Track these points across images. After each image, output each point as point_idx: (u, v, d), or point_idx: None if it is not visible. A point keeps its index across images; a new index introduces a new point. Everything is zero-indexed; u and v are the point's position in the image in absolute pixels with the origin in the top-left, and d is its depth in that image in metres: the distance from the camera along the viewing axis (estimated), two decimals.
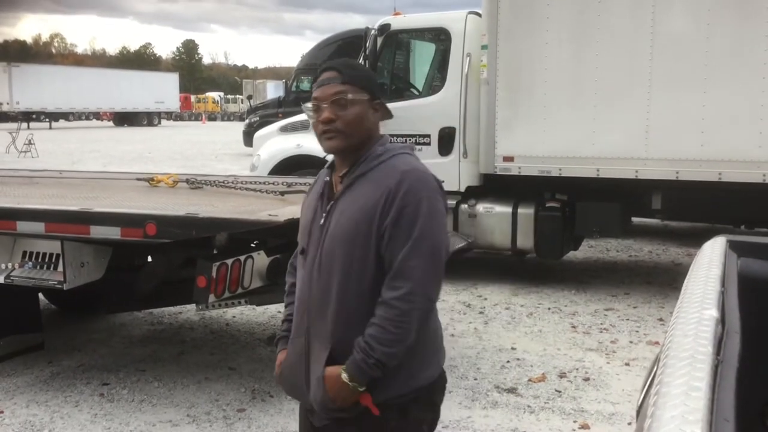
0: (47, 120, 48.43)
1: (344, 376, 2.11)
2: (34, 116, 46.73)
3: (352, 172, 2.22)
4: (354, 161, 2.22)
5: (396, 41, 8.25)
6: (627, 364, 5.44)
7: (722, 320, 1.63)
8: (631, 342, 5.98)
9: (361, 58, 8.10)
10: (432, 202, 2.14)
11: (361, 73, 2.30)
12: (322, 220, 2.22)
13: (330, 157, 2.34)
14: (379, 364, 2.09)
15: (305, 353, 2.24)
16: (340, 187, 2.24)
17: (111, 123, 56.00)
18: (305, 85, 20.46)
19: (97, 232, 4.36)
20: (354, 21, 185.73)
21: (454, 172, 7.72)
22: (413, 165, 2.20)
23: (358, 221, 2.14)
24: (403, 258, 2.09)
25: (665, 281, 8.00)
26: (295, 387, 2.31)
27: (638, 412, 1.85)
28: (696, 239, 8.27)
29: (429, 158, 7.64)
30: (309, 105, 2.24)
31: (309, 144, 8.54)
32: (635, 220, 8.99)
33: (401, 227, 2.10)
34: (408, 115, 7.43)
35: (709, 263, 2.14)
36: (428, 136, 7.84)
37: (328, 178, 2.30)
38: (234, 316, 6.58)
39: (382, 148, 2.23)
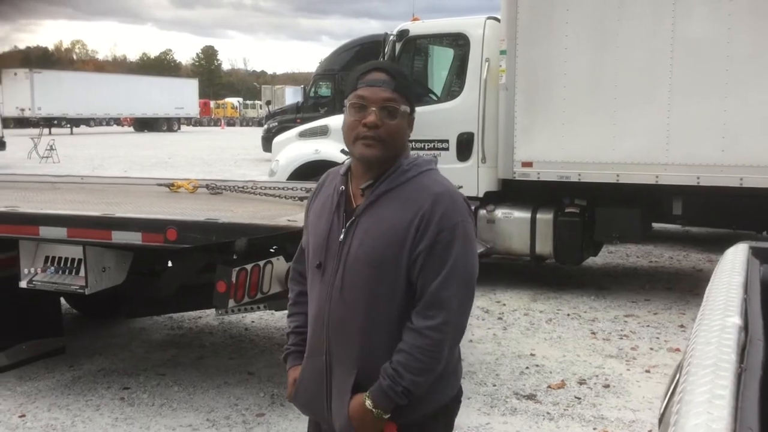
0: (68, 126, 48.93)
1: (368, 402, 2.04)
2: (55, 122, 47.22)
3: (377, 187, 2.10)
4: (378, 174, 2.11)
5: (414, 46, 8.26)
6: (647, 371, 5.40)
7: (745, 327, 1.62)
8: (651, 349, 5.93)
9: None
10: (466, 227, 2.07)
11: (409, 84, 2.20)
12: (342, 236, 2.11)
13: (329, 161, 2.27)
14: (406, 392, 2.03)
15: (326, 374, 2.14)
16: (361, 201, 2.12)
17: (131, 129, 56.50)
18: (324, 90, 20.56)
19: (119, 237, 4.40)
20: (370, 26, 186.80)
21: (472, 178, 7.71)
22: (445, 186, 2.11)
23: (387, 244, 2.05)
24: (439, 287, 2.02)
25: (686, 287, 7.93)
26: (313, 407, 2.22)
27: (660, 420, 1.83)
28: (717, 245, 8.21)
29: (447, 163, 7.63)
30: (351, 101, 2.10)
31: (327, 150, 8.56)
32: (656, 225, 8.93)
33: (436, 254, 2.02)
34: (426, 120, 7.42)
35: (732, 270, 2.12)
36: (447, 141, 7.84)
37: (343, 187, 2.17)
38: (253, 321, 6.61)
39: (408, 162, 2.13)
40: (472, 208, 2.29)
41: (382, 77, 2.09)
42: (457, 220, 2.05)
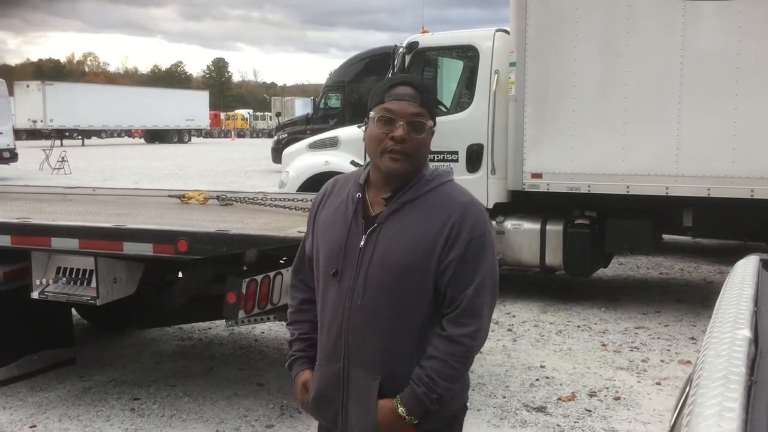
0: (80, 137, 49.23)
1: (401, 409, 2.05)
2: (67, 134, 47.51)
3: (401, 195, 2.11)
4: (400, 185, 2.13)
5: (424, 59, 8.29)
6: (658, 383, 5.38)
7: (755, 340, 1.61)
8: (662, 361, 5.90)
9: (390, 75, 8.15)
10: (491, 236, 2.13)
11: (433, 99, 2.23)
12: (362, 243, 2.10)
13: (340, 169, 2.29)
14: (440, 399, 2.05)
15: (343, 381, 2.14)
16: (383, 209, 2.12)
17: (142, 140, 56.77)
18: (333, 102, 20.65)
19: (130, 248, 4.43)
20: (377, 38, 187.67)
21: (482, 189, 7.70)
22: (469, 196, 2.16)
23: (414, 251, 2.05)
24: (473, 295, 2.05)
25: (697, 299, 7.89)
26: (328, 414, 2.21)
27: None
28: (728, 257, 8.17)
29: (457, 175, 7.55)
30: (379, 114, 2.09)
31: (337, 161, 8.59)
32: (666, 237, 8.91)
33: (468, 263, 2.05)
34: (436, 132, 7.42)
35: (742, 282, 2.12)
36: (456, 152, 7.85)
37: (359, 195, 2.16)
38: (263, 332, 6.62)
39: (430, 173, 2.17)
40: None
41: (409, 91, 2.11)
42: (485, 229, 2.11)
